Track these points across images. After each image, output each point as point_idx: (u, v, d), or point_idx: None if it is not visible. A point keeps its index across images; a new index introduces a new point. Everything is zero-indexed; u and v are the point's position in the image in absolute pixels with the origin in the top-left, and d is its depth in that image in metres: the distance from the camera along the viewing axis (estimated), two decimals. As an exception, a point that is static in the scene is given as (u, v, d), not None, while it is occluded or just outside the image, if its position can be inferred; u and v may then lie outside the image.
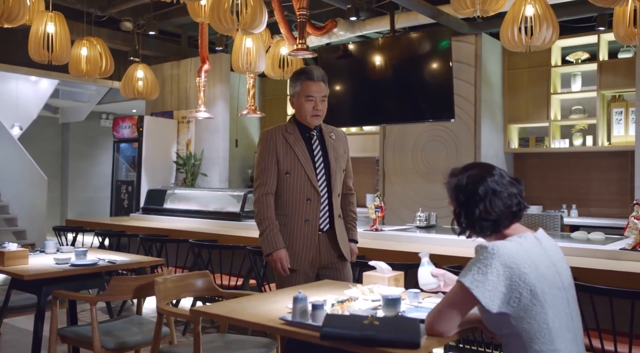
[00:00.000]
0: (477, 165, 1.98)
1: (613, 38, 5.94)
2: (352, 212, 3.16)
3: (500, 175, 1.90)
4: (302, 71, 2.99)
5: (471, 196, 1.88)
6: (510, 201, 1.87)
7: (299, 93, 2.95)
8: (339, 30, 6.61)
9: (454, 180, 1.94)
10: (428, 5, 5.62)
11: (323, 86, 2.96)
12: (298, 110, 2.99)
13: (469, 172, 1.93)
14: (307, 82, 2.92)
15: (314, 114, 2.94)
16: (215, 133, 7.83)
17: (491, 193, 1.86)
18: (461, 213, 1.91)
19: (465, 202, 1.89)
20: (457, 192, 1.92)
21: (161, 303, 2.74)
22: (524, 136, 6.70)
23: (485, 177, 1.89)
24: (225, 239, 4.82)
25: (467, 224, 1.91)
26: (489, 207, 1.85)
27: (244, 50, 5.38)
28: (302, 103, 2.94)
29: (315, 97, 2.92)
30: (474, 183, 1.88)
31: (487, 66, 6.38)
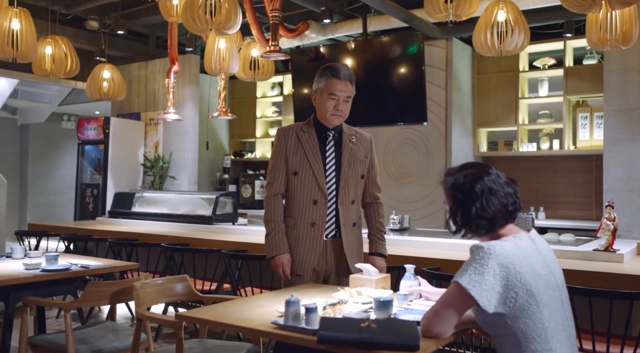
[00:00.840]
0: (473, 164, 1.98)
1: (579, 45, 6.14)
2: (378, 223, 2.99)
3: (496, 175, 1.91)
4: (329, 67, 2.85)
5: (468, 194, 1.87)
6: (506, 200, 1.87)
7: (322, 89, 2.83)
8: (310, 32, 6.59)
9: (450, 179, 1.94)
10: (401, 9, 5.66)
11: (349, 86, 2.84)
12: (319, 108, 2.86)
13: (465, 171, 1.93)
14: (332, 79, 2.81)
15: (335, 113, 2.81)
16: (184, 135, 7.70)
17: (488, 191, 1.86)
18: (457, 211, 1.90)
19: (462, 200, 1.89)
20: (453, 191, 1.91)
21: (140, 308, 2.65)
22: (493, 140, 6.81)
23: (482, 176, 1.89)
24: (197, 243, 4.73)
25: (463, 222, 1.90)
26: (485, 205, 1.85)
27: (216, 51, 5.30)
28: (323, 100, 2.82)
29: (339, 96, 2.80)
30: (471, 182, 1.88)
31: (457, 70, 6.46)
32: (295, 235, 2.83)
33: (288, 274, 2.82)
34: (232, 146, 8.70)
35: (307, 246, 2.81)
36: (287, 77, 8.11)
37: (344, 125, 2.95)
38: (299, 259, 2.81)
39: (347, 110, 2.88)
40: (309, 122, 2.93)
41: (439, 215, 6.32)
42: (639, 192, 4.61)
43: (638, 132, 4.59)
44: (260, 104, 8.44)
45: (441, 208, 6.31)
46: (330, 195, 2.83)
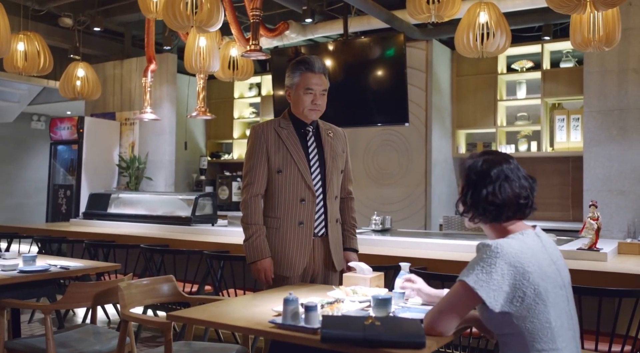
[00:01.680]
0: (495, 152, 1.96)
1: (556, 48, 6.22)
2: (352, 218, 2.95)
3: (516, 167, 1.89)
4: (302, 61, 2.77)
5: (482, 176, 1.85)
6: (520, 191, 1.84)
7: (297, 85, 2.76)
8: (290, 32, 6.55)
9: (469, 161, 1.93)
10: (383, 10, 5.65)
11: (324, 79, 2.77)
12: (295, 103, 2.79)
13: (486, 156, 1.91)
14: (307, 73, 2.73)
15: (313, 108, 2.75)
16: (161, 135, 7.57)
17: (503, 177, 1.84)
18: (468, 191, 1.87)
19: (475, 181, 1.86)
20: (469, 171, 1.89)
21: (126, 309, 2.56)
22: (471, 141, 6.85)
23: (502, 163, 1.87)
24: (176, 244, 4.63)
25: (472, 204, 1.87)
26: (497, 191, 1.82)
27: (197, 49, 5.21)
28: (299, 95, 2.75)
29: (315, 90, 2.73)
30: (489, 166, 1.86)
31: (437, 72, 6.48)
32: (280, 237, 2.73)
33: (270, 280, 2.73)
34: (209, 147, 8.59)
35: (296, 246, 2.72)
36: (265, 77, 8.05)
37: (319, 120, 2.89)
38: (288, 261, 2.72)
39: (324, 104, 2.82)
40: (285, 117, 2.85)
41: (419, 216, 6.33)
42: (618, 192, 4.68)
43: (617, 133, 4.66)
44: (238, 105, 8.35)
45: (421, 209, 6.32)
46: (317, 192, 2.76)
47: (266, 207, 2.79)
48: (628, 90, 4.63)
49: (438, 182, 6.47)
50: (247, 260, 2.75)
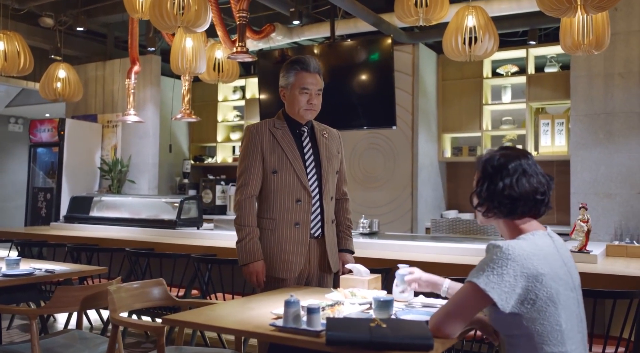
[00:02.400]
0: (513, 148, 1.94)
1: (540, 53, 6.28)
2: (347, 220, 2.92)
3: (534, 163, 1.86)
4: (297, 61, 2.75)
5: (499, 169, 1.82)
6: (537, 186, 1.81)
7: (292, 84, 2.73)
8: (276, 35, 6.51)
9: (487, 155, 1.90)
10: (371, 13, 5.65)
11: (319, 78, 2.75)
12: (290, 103, 2.76)
13: (504, 151, 1.89)
14: (302, 73, 2.71)
15: (308, 108, 2.73)
16: (145, 138, 7.45)
17: (521, 171, 1.81)
18: (484, 184, 1.84)
19: (492, 173, 1.83)
20: (485, 164, 1.86)
21: (116, 314, 2.49)
22: (457, 145, 6.87)
23: (519, 157, 1.85)
24: (162, 247, 4.55)
25: (487, 196, 1.83)
26: (514, 184, 1.79)
27: (183, 50, 5.14)
28: (295, 95, 2.72)
29: (311, 89, 2.71)
30: (506, 159, 1.84)
31: (423, 76, 6.49)
32: (276, 238, 2.69)
33: (262, 283, 2.68)
34: (192, 150, 8.49)
35: (293, 248, 2.67)
36: (249, 80, 8.00)
37: (313, 120, 2.86)
38: (284, 263, 2.67)
39: (320, 103, 2.80)
40: (280, 117, 2.82)
41: (406, 220, 6.32)
42: (604, 195, 4.71)
43: (603, 136, 4.70)
44: (222, 108, 8.28)
45: (408, 212, 6.31)
46: (313, 193, 2.73)
47: (261, 208, 2.74)
48: (614, 94, 4.67)
49: (424, 185, 6.47)
50: (239, 263, 2.69)
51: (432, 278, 2.18)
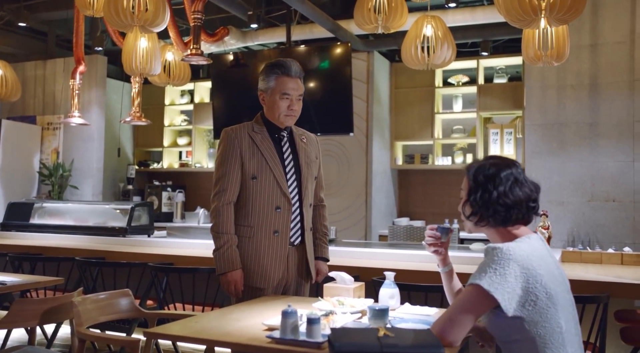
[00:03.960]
0: (501, 157, 1.95)
1: (489, 64, 6.45)
2: (324, 227, 2.85)
3: (522, 171, 1.88)
4: (278, 64, 2.67)
5: (491, 178, 1.82)
6: (529, 194, 1.83)
7: (273, 89, 2.65)
8: (230, 38, 6.40)
9: (475, 164, 1.90)
10: (330, 19, 5.63)
11: (300, 83, 2.68)
12: (270, 108, 2.67)
13: (493, 160, 1.89)
14: (283, 77, 2.63)
15: (289, 113, 2.65)
16: (89, 142, 7.12)
17: (513, 180, 1.82)
18: (477, 193, 1.83)
19: (485, 182, 1.83)
20: (477, 173, 1.85)
21: (82, 327, 2.32)
22: (409, 153, 6.94)
23: (510, 166, 1.86)
24: (113, 256, 4.34)
25: (481, 205, 1.82)
26: (508, 191, 1.80)
27: (138, 50, 4.93)
28: (275, 100, 2.64)
29: (292, 95, 2.64)
30: (498, 168, 1.84)
31: (378, 84, 6.54)
32: (254, 246, 2.59)
33: (240, 293, 2.59)
34: (137, 155, 8.19)
35: (271, 257, 2.58)
36: (198, 84, 7.81)
37: (292, 125, 2.80)
38: (262, 272, 2.58)
39: (300, 109, 2.73)
40: (258, 121, 2.73)
41: (360, 227, 6.31)
42: (557, 203, 4.86)
43: (556, 146, 4.86)
44: (169, 112, 8.04)
45: (362, 219, 6.31)
46: (293, 200, 2.65)
47: (238, 215, 2.63)
48: (566, 106, 4.84)
49: (378, 193, 6.49)
50: (216, 271, 2.58)
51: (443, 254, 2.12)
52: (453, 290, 2.10)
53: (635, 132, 4.65)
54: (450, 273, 2.10)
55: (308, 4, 5.26)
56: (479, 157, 1.95)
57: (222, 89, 6.43)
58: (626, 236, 4.59)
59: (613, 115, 4.71)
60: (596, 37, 4.80)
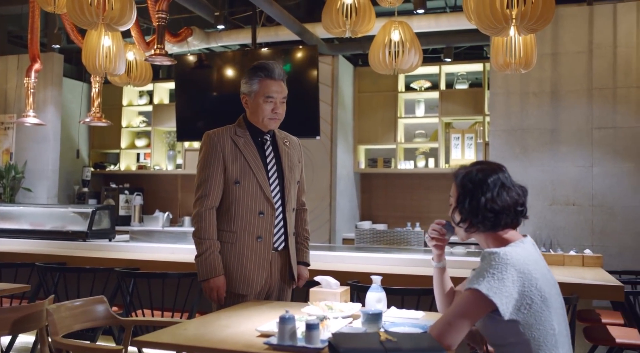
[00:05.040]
0: (488, 162, 1.97)
1: (450, 70, 6.58)
2: (305, 231, 2.83)
3: (509, 176, 1.90)
4: (261, 67, 2.63)
5: (479, 184, 1.85)
6: (517, 198, 1.85)
7: (256, 92, 2.61)
8: (193, 39, 6.30)
9: (462, 171, 1.91)
10: (297, 22, 5.62)
11: (283, 86, 2.65)
12: (254, 112, 2.64)
13: (479, 166, 1.92)
14: (266, 80, 2.60)
15: (273, 117, 2.62)
16: (44, 143, 6.85)
17: (500, 185, 1.85)
18: (465, 200, 1.85)
19: (472, 189, 1.85)
20: (464, 180, 1.87)
21: (58, 336, 2.22)
22: (372, 157, 6.99)
23: (497, 171, 1.88)
24: (74, 261, 4.20)
25: (470, 212, 1.84)
26: (495, 197, 1.82)
27: (102, 49, 4.79)
28: (259, 104, 2.60)
29: (276, 98, 2.61)
30: (484, 174, 1.86)
31: (342, 88, 6.56)
32: (237, 252, 2.56)
33: (222, 299, 2.54)
34: (92, 157, 7.94)
35: (254, 262, 2.55)
36: (157, 85, 7.65)
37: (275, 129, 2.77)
38: (245, 278, 2.54)
39: (284, 112, 2.71)
40: (241, 124, 2.69)
41: (324, 231, 6.31)
42: (520, 207, 4.98)
43: (519, 151, 4.99)
44: (127, 113, 7.83)
45: (326, 223, 6.31)
46: (276, 205, 2.62)
47: (220, 220, 2.59)
48: (529, 112, 4.98)
49: (342, 196, 6.51)
50: (198, 278, 2.52)
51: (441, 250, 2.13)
52: (444, 288, 2.12)
53: (594, 138, 4.83)
54: (443, 269, 2.13)
55: (276, 6, 5.24)
56: (467, 164, 1.95)
57: (185, 91, 6.31)
58: (585, 238, 4.76)
59: (573, 122, 4.88)
60: (557, 46, 4.96)
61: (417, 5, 5.09)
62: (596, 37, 4.89)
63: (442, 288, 2.11)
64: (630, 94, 4.77)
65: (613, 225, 4.73)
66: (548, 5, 3.38)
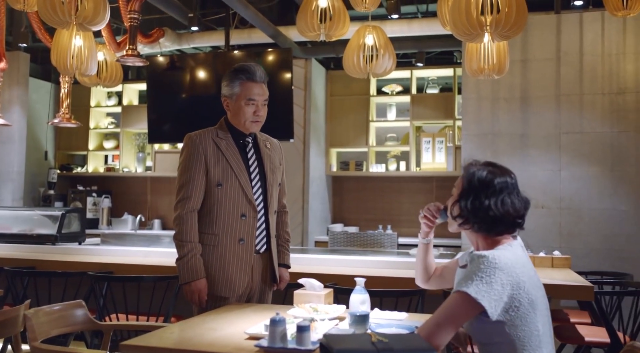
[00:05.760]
0: (499, 165, 1.96)
1: (422, 75, 6.67)
2: (286, 233, 2.84)
3: (517, 183, 1.91)
4: (242, 69, 2.62)
5: (486, 185, 1.85)
6: (519, 209, 1.87)
7: (238, 95, 2.61)
8: (165, 40, 6.23)
9: (474, 167, 1.91)
10: (271, 25, 5.62)
11: (265, 88, 2.66)
12: (235, 114, 2.63)
13: (491, 167, 1.92)
14: (248, 83, 2.59)
15: (255, 119, 2.62)
16: (9, 144, 6.67)
17: (506, 191, 1.86)
18: (469, 198, 1.86)
19: (478, 187, 1.86)
20: (473, 177, 1.88)
21: (37, 342, 2.17)
22: (343, 160, 7.03)
23: (505, 176, 1.89)
24: (44, 265, 4.11)
25: (470, 211, 1.86)
26: (498, 204, 1.84)
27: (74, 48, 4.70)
28: (241, 106, 2.60)
29: (257, 100, 2.61)
30: (493, 176, 1.87)
31: (315, 91, 6.58)
32: (219, 254, 2.55)
33: (204, 302, 2.53)
34: (59, 159, 7.77)
35: (236, 265, 2.55)
36: (127, 86, 7.54)
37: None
38: (227, 281, 2.54)
39: (265, 114, 2.72)
40: (222, 127, 2.69)
41: (297, 233, 6.31)
42: (491, 210, 5.08)
43: (490, 155, 5.09)
44: (95, 114, 7.69)
45: (299, 226, 6.32)
46: (259, 207, 2.63)
47: (202, 222, 2.57)
48: (499, 117, 5.09)
49: (314, 199, 6.52)
50: (180, 281, 2.51)
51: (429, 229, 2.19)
52: (426, 263, 2.21)
53: (562, 143, 4.96)
54: (429, 245, 2.20)
55: (251, 9, 5.23)
56: (477, 162, 1.94)
57: (157, 92, 6.24)
58: (554, 240, 4.88)
59: (542, 127, 5.01)
60: (526, 53, 5.08)
61: (392, 11, 5.16)
62: (564, 45, 5.03)
63: (424, 262, 2.20)
64: (596, 100, 4.93)
65: (580, 227, 4.87)
66: (521, 13, 3.47)
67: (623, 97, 4.87)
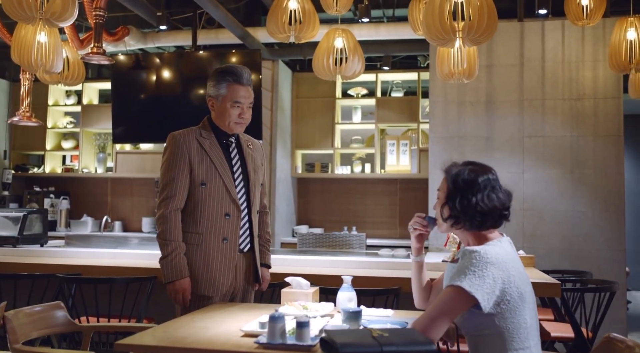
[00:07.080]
0: (479, 163, 2.02)
1: (387, 78, 6.77)
2: (266, 233, 2.86)
3: (498, 178, 1.98)
4: (229, 71, 2.62)
5: (470, 184, 1.92)
6: (504, 202, 1.94)
7: (224, 96, 2.61)
8: (129, 39, 6.13)
9: (455, 168, 1.97)
10: (240, 26, 5.60)
11: (251, 91, 2.67)
12: (220, 115, 2.63)
13: (471, 166, 1.98)
14: (235, 85, 2.60)
15: (239, 121, 2.63)
16: (-37, 142, 6.42)
17: (490, 187, 1.93)
18: (456, 199, 1.92)
19: (464, 187, 1.92)
20: (456, 178, 1.94)
21: (18, 344, 2.11)
22: (309, 161, 7.06)
23: (487, 172, 1.96)
24: (5, 268, 3.99)
25: (459, 211, 1.91)
26: (485, 199, 1.90)
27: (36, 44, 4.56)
28: (226, 108, 2.61)
29: (243, 103, 2.62)
30: (476, 174, 1.93)
31: (281, 92, 6.59)
32: (203, 254, 2.55)
33: (188, 301, 2.52)
34: (13, 159, 7.51)
35: (220, 264, 2.55)
36: (87, 85, 7.35)
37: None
38: (211, 280, 2.53)
39: (250, 117, 2.73)
40: (206, 126, 2.70)
41: (263, 235, 6.29)
42: (457, 211, 5.20)
43: (457, 157, 5.20)
44: (52, 113, 7.47)
45: (265, 227, 6.30)
46: (242, 207, 2.64)
47: (186, 221, 2.57)
48: (465, 120, 5.23)
49: (280, 200, 6.53)
50: (163, 280, 2.48)
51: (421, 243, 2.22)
52: (421, 282, 2.21)
53: (525, 146, 5.13)
54: (421, 263, 2.21)
55: (221, 9, 5.20)
56: (456, 163, 2.00)
57: (121, 92, 6.13)
58: (517, 241, 5.03)
59: (506, 131, 5.17)
60: (492, 58, 5.24)
61: (363, 14, 5.22)
62: (526, 52, 5.21)
63: (420, 282, 2.20)
64: (557, 105, 5.12)
65: (542, 228, 5.04)
66: (492, 20, 3.59)
67: (582, 103, 5.08)
